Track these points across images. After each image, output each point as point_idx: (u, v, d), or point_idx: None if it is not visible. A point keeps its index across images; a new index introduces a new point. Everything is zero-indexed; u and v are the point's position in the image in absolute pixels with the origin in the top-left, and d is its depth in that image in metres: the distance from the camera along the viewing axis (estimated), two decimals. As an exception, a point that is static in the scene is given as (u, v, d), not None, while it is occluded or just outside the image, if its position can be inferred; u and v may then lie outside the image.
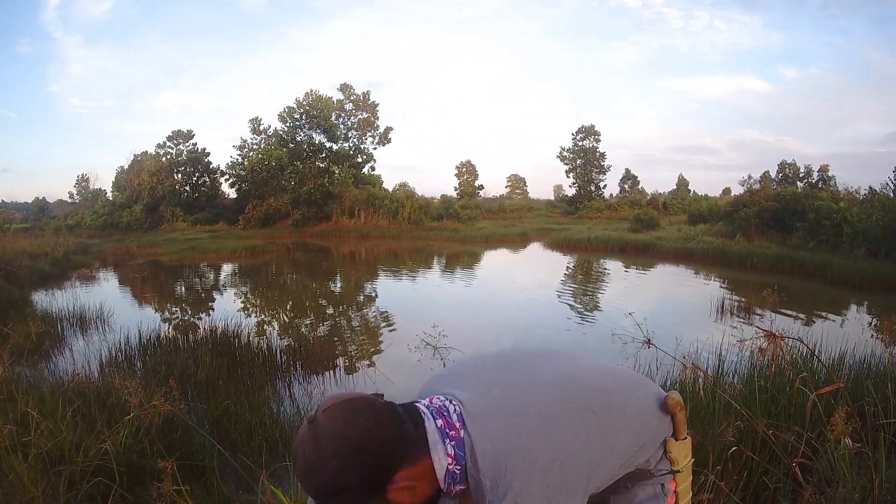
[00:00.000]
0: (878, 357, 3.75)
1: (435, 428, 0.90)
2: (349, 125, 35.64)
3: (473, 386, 0.97)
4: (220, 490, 2.50)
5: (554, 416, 0.91)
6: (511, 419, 0.90)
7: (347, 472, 0.82)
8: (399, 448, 0.86)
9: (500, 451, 0.87)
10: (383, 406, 0.88)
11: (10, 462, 2.27)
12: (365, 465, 0.83)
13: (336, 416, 0.85)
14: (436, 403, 0.94)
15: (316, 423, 0.85)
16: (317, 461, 0.82)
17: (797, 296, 9.97)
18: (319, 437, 0.83)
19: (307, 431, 0.85)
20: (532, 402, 0.93)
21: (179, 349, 5.05)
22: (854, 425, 1.76)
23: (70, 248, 18.16)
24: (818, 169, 37.97)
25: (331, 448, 0.82)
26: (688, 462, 1.09)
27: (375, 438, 0.84)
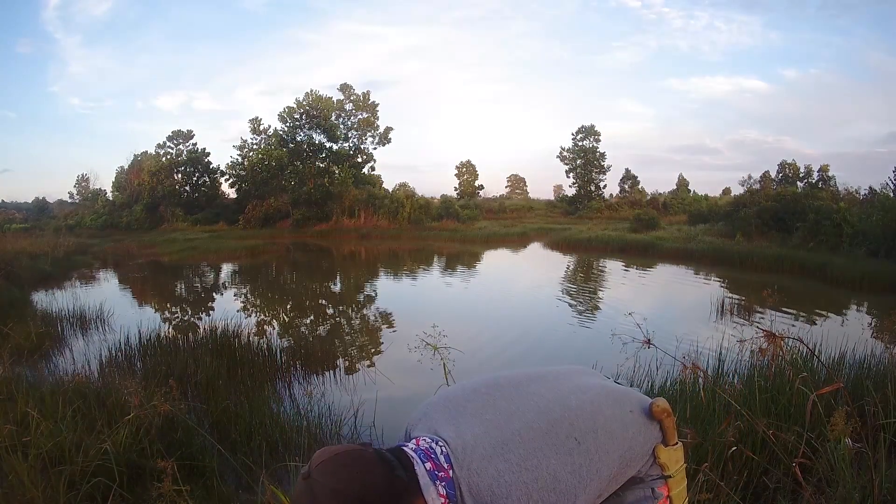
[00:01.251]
0: (878, 357, 3.75)
1: (424, 471, 0.93)
2: (349, 125, 35.67)
3: (458, 418, 1.01)
4: (220, 490, 2.50)
5: (538, 448, 0.96)
6: (496, 452, 0.95)
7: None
8: (393, 495, 0.89)
9: (485, 486, 0.92)
10: (372, 456, 0.92)
11: (10, 462, 2.27)
12: (352, 492, 0.86)
13: (329, 471, 0.88)
14: (423, 446, 0.97)
15: (311, 479, 0.88)
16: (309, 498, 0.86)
17: (797, 296, 9.97)
18: (316, 493, 0.86)
19: (304, 488, 0.89)
20: (515, 430, 0.98)
21: (179, 349, 5.05)
22: (854, 425, 1.76)
23: (70, 248, 18.17)
24: (818, 169, 37.99)
25: (327, 502, 0.86)
26: (680, 467, 1.10)
27: (370, 488, 0.88)
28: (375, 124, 35.62)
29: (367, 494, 0.88)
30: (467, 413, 1.02)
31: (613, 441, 1.01)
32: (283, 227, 31.35)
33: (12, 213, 46.42)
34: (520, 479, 0.92)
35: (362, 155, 36.01)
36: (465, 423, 1.00)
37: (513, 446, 0.95)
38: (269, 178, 33.52)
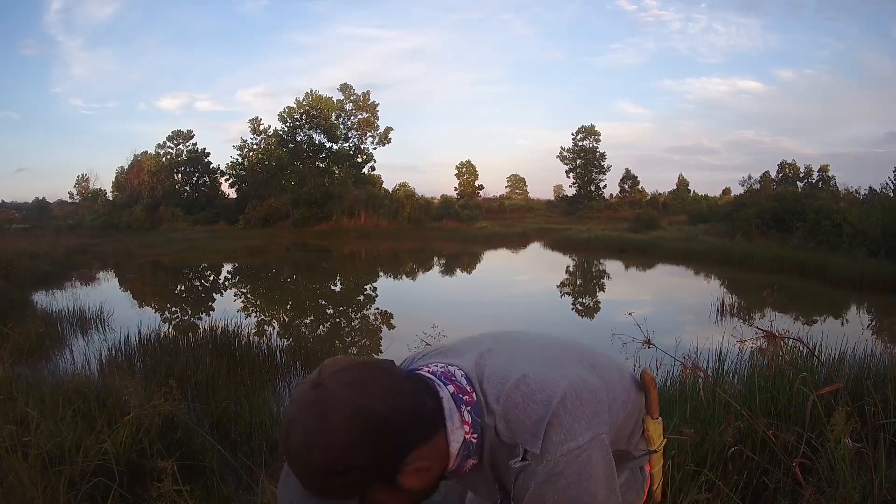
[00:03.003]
0: (878, 357, 3.75)
1: (449, 395, 0.80)
2: (349, 125, 35.68)
3: (464, 355, 0.89)
4: (220, 490, 2.50)
5: (555, 359, 0.87)
6: (515, 360, 0.84)
7: (360, 449, 0.69)
8: (418, 422, 0.75)
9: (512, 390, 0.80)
10: (401, 372, 0.79)
11: (10, 462, 2.27)
12: (381, 441, 0.70)
13: (349, 382, 0.71)
14: (438, 370, 0.85)
15: (322, 388, 0.71)
16: (322, 435, 0.68)
17: (797, 296, 9.97)
18: (328, 406, 0.69)
19: (311, 398, 0.71)
20: (528, 346, 0.89)
21: (179, 349, 5.04)
22: (854, 425, 1.76)
23: (70, 248, 18.16)
24: (818, 169, 38.04)
25: (343, 419, 0.69)
26: (661, 443, 1.07)
27: (397, 410, 0.72)
28: (375, 124, 35.64)
29: (394, 418, 0.71)
30: (472, 351, 0.89)
31: (616, 381, 0.93)
32: (283, 227, 31.34)
33: (12, 213, 46.38)
34: (545, 374, 0.81)
35: (362, 155, 36.03)
36: (472, 356, 0.87)
37: (531, 355, 0.85)
38: (269, 178, 33.54)
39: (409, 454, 0.73)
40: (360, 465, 0.69)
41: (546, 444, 0.76)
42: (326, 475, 0.69)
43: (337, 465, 0.69)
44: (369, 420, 0.69)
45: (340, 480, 0.70)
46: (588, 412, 0.79)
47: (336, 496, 0.72)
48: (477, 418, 0.80)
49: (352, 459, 0.69)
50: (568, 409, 0.78)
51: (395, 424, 0.71)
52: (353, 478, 0.70)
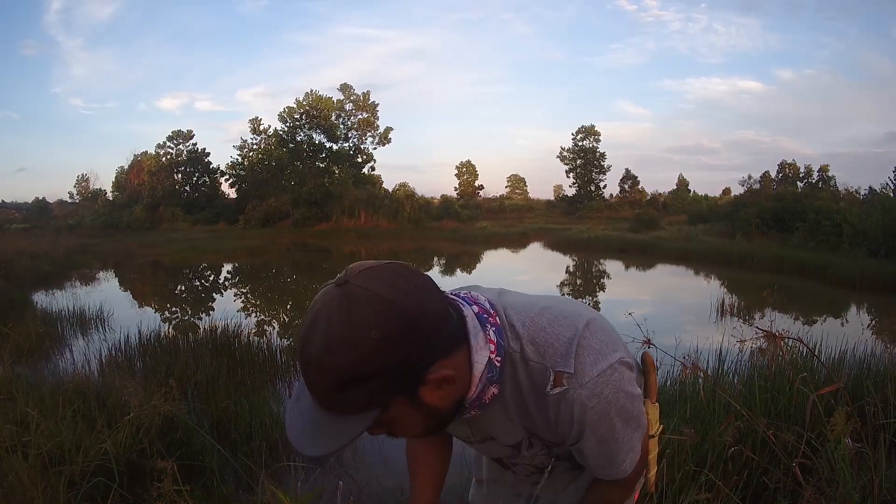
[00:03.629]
0: (878, 357, 3.75)
1: (473, 314, 0.76)
2: (349, 125, 35.68)
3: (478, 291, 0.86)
4: (220, 490, 2.50)
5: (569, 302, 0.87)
6: (532, 299, 0.84)
7: (387, 348, 0.63)
8: (446, 328, 0.69)
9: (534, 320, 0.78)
10: (430, 279, 0.72)
11: (10, 462, 2.27)
12: (409, 342, 0.64)
13: (380, 277, 0.66)
14: (462, 293, 0.82)
15: (349, 285, 0.65)
16: (347, 332, 0.62)
17: (797, 296, 9.97)
18: (355, 302, 0.63)
19: (335, 294, 0.65)
20: (543, 297, 0.87)
21: (179, 349, 5.04)
22: (854, 425, 1.76)
23: (70, 248, 18.16)
24: (818, 169, 38.04)
25: (371, 314, 0.63)
26: (658, 429, 1.07)
27: (425, 310, 0.66)
28: (375, 124, 35.65)
29: (423, 318, 0.66)
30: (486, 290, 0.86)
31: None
32: (283, 227, 31.34)
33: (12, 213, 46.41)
34: (566, 309, 0.81)
35: (362, 155, 36.04)
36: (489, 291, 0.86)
37: (548, 299, 0.84)
38: (269, 178, 33.54)
39: (434, 363, 0.68)
40: (385, 368, 0.64)
41: (579, 365, 0.75)
42: (346, 381, 0.63)
43: (361, 368, 0.63)
44: (398, 318, 0.64)
45: (361, 388, 0.64)
46: (613, 338, 0.81)
47: (353, 408, 0.66)
48: (502, 341, 0.77)
49: (377, 361, 0.63)
50: (594, 331, 0.78)
51: (423, 325, 0.66)
52: (375, 385, 0.64)
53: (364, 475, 3.03)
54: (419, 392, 0.69)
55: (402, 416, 0.71)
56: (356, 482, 2.89)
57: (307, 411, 0.69)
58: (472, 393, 0.75)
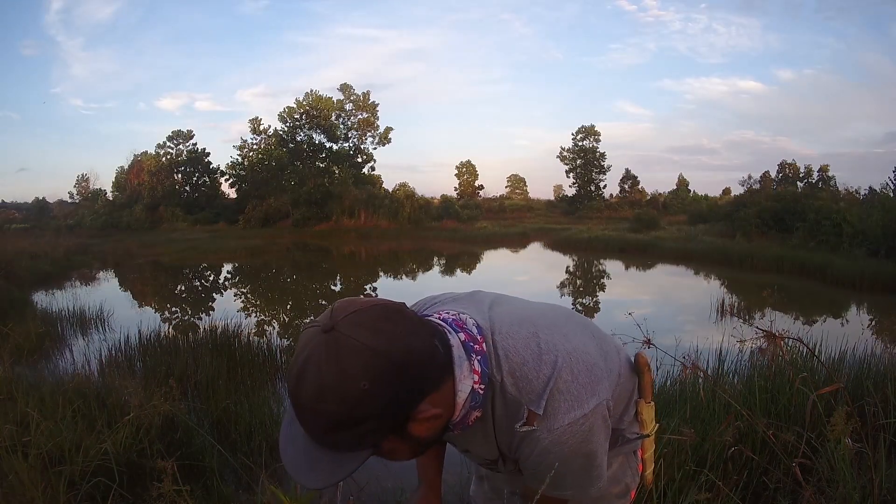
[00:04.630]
0: (878, 357, 3.75)
1: (459, 342, 0.78)
2: (349, 125, 35.69)
3: (473, 305, 0.87)
4: (220, 490, 2.50)
5: (563, 322, 0.88)
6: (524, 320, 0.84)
7: (377, 396, 0.65)
8: (432, 367, 0.72)
9: (521, 348, 0.80)
10: (414, 314, 0.74)
11: (10, 462, 2.27)
12: (397, 388, 0.67)
13: (364, 324, 0.67)
14: (450, 317, 0.82)
15: (336, 332, 0.67)
16: (337, 381, 0.64)
17: (797, 296, 9.96)
18: (343, 351, 0.65)
19: (322, 343, 0.66)
20: (535, 310, 0.89)
21: (179, 349, 5.04)
22: (854, 425, 1.76)
23: (70, 248, 18.15)
24: (818, 169, 38.03)
25: (359, 365, 0.65)
26: (653, 428, 1.08)
27: (412, 353, 0.68)
28: (375, 124, 35.65)
29: (411, 362, 0.67)
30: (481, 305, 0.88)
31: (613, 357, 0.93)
32: (283, 227, 31.35)
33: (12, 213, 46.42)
34: (554, 337, 0.82)
35: (362, 155, 36.03)
36: (481, 308, 0.87)
37: (539, 315, 0.86)
38: (269, 178, 33.54)
39: (422, 401, 0.71)
40: (374, 413, 0.66)
41: (551, 409, 0.77)
42: (338, 425, 0.66)
43: (351, 415, 0.65)
44: (385, 366, 0.65)
45: (352, 431, 0.67)
46: (593, 378, 0.81)
47: (345, 447, 0.69)
48: (486, 369, 0.78)
49: (367, 407, 0.65)
50: (576, 372, 0.79)
51: (410, 370, 0.68)
52: (365, 428, 0.67)
53: (364, 475, 3.02)
54: (408, 428, 0.72)
55: (392, 448, 0.75)
56: (356, 482, 2.89)
57: (300, 440, 0.72)
58: (456, 416, 0.78)
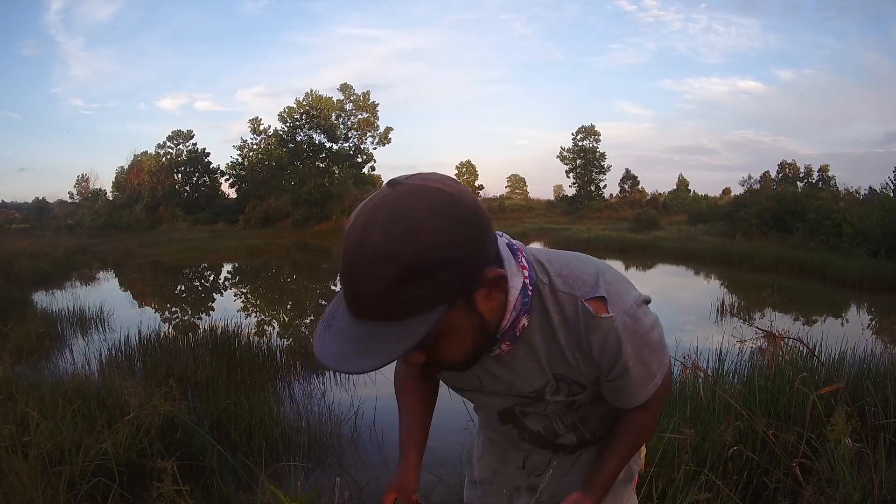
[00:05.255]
0: (878, 357, 3.74)
1: (504, 242, 0.76)
2: (349, 125, 35.69)
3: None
4: (220, 490, 2.50)
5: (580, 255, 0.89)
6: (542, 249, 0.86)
7: (453, 238, 0.60)
8: (492, 235, 0.70)
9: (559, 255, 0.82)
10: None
11: (10, 462, 2.27)
12: (472, 234, 0.62)
13: (433, 178, 0.63)
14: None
15: (402, 185, 0.62)
16: (412, 221, 0.59)
17: (797, 296, 9.96)
18: (417, 195, 0.60)
19: (392, 193, 0.62)
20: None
21: (179, 349, 5.04)
22: (854, 425, 1.76)
23: (70, 248, 18.16)
24: (818, 169, 38.01)
25: (437, 205, 0.60)
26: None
27: (482, 210, 0.65)
28: (375, 124, 35.65)
29: (480, 215, 0.64)
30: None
31: None
32: (283, 227, 31.37)
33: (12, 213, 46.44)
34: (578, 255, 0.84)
35: (362, 155, 36.04)
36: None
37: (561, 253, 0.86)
38: (269, 178, 33.55)
39: (488, 265, 0.67)
40: (450, 259, 0.60)
41: (614, 293, 0.78)
42: (412, 274, 0.59)
43: (426, 258, 0.59)
44: (461, 210, 0.61)
45: (426, 282, 0.60)
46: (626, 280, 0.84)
47: (416, 307, 0.61)
48: (531, 273, 0.76)
49: (443, 251, 0.59)
50: (613, 272, 0.82)
51: (481, 221, 0.64)
52: (441, 278, 0.60)
53: (364, 475, 3.03)
54: (475, 296, 0.67)
55: (456, 326, 0.67)
56: (356, 482, 2.89)
57: (347, 330, 0.64)
58: (505, 321, 0.74)
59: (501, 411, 0.96)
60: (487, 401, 0.95)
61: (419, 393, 1.04)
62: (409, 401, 1.04)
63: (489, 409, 0.99)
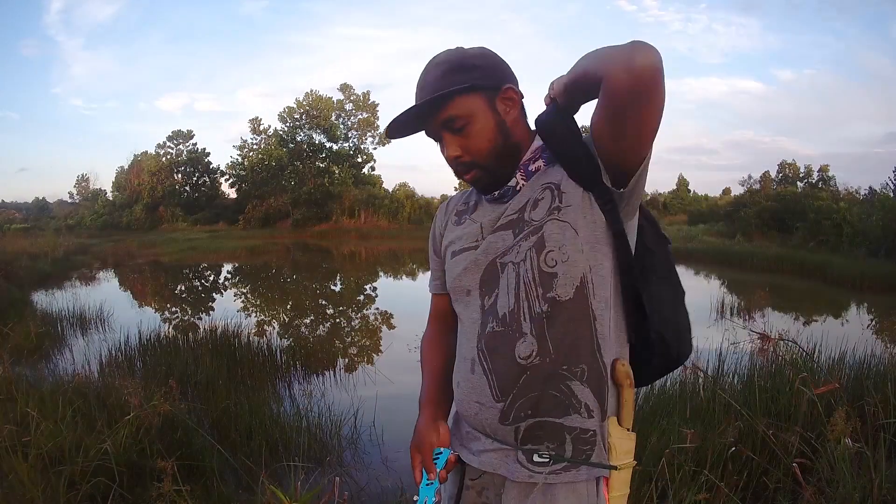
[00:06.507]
0: (878, 357, 3.75)
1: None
2: (349, 125, 35.62)
3: None
4: (220, 490, 2.50)
5: None
6: None
7: (482, 55, 0.95)
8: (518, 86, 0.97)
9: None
10: None
11: (10, 462, 2.27)
12: (496, 60, 0.96)
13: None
14: None
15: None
16: (459, 50, 0.96)
17: (797, 296, 9.96)
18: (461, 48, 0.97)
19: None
20: None
21: (179, 349, 5.04)
22: (854, 425, 1.76)
23: (70, 248, 18.16)
24: (818, 169, 37.93)
25: (475, 48, 0.97)
26: (628, 463, 0.90)
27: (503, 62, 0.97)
28: (375, 124, 35.57)
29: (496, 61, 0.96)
30: None
31: None
32: (283, 227, 31.33)
33: (12, 213, 46.45)
34: None
35: (362, 155, 35.97)
36: None
37: None
38: (269, 178, 33.50)
39: (509, 86, 0.93)
40: (481, 65, 0.92)
41: None
42: (457, 66, 0.92)
43: (464, 62, 0.92)
44: (485, 51, 0.97)
45: (462, 75, 0.90)
46: None
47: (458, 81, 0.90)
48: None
49: (475, 59, 0.93)
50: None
51: (501, 62, 0.96)
52: (472, 75, 0.91)
53: (364, 475, 3.03)
54: (496, 98, 0.93)
55: (479, 111, 0.92)
56: (356, 482, 2.89)
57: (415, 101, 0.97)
58: (526, 158, 0.95)
59: (487, 267, 0.93)
60: (479, 257, 0.95)
61: (437, 349, 1.09)
62: (432, 356, 1.09)
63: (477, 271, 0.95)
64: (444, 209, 1.12)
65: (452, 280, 1.00)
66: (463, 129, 0.92)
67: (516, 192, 0.95)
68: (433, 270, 1.12)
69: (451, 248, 1.02)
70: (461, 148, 0.93)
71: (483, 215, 0.98)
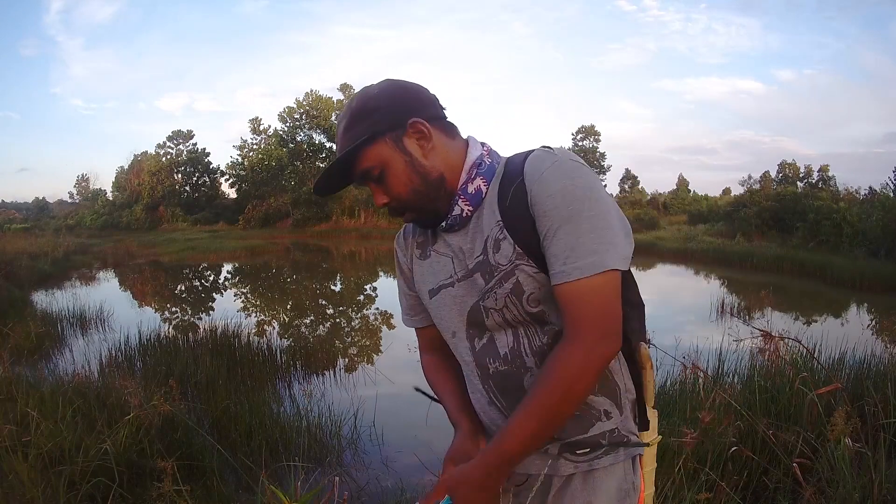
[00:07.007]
0: (878, 357, 3.75)
1: (477, 140, 0.96)
2: (349, 125, 35.62)
3: None
4: (220, 490, 2.50)
5: None
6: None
7: (382, 94, 0.88)
8: (435, 106, 0.92)
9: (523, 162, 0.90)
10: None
11: (10, 462, 2.27)
12: (398, 94, 0.89)
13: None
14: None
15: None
16: (362, 92, 0.90)
17: (797, 296, 9.97)
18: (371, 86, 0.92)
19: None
20: None
21: (179, 349, 5.04)
22: (854, 425, 1.76)
23: (70, 248, 18.16)
24: (818, 169, 37.92)
25: (379, 85, 0.90)
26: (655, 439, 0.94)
27: (419, 88, 0.92)
28: (375, 124, 35.57)
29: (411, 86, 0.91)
30: None
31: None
32: (283, 227, 31.34)
33: (12, 213, 46.45)
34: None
35: (362, 155, 35.96)
36: None
37: None
38: (269, 178, 33.50)
39: (418, 118, 0.87)
40: (380, 106, 0.86)
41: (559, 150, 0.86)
42: (357, 115, 0.87)
43: (364, 108, 0.87)
44: (391, 84, 0.90)
45: (361, 124, 0.87)
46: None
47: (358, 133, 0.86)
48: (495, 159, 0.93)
49: (375, 102, 0.87)
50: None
51: (410, 89, 0.90)
52: (372, 119, 0.86)
53: (364, 475, 3.03)
54: (403, 138, 0.87)
55: (388, 158, 0.87)
56: (356, 482, 2.89)
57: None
58: (462, 181, 0.90)
59: (470, 311, 0.91)
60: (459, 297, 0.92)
61: (446, 373, 1.04)
62: (443, 380, 1.04)
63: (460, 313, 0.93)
64: (403, 243, 1.06)
65: (436, 321, 0.99)
66: (381, 178, 0.89)
67: (466, 218, 0.90)
68: (411, 307, 1.06)
69: (425, 286, 0.98)
70: (386, 195, 0.91)
71: (445, 246, 0.94)
